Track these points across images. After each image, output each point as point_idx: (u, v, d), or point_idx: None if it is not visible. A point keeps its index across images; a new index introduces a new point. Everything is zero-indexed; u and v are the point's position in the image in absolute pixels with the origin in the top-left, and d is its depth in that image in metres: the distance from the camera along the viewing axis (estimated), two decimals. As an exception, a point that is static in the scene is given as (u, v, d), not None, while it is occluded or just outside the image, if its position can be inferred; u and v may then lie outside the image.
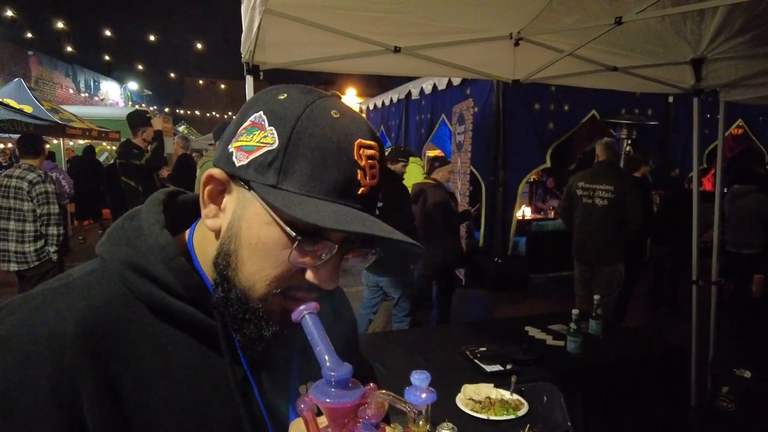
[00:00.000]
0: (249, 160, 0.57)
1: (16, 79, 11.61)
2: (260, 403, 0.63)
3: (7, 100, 10.11)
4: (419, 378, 0.52)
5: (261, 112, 0.58)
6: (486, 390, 1.97)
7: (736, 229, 4.76)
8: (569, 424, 2.07)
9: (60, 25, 17.20)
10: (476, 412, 1.82)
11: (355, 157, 0.56)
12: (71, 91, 18.32)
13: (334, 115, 0.57)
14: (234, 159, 0.58)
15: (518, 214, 6.84)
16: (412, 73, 2.93)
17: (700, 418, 3.29)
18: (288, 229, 0.55)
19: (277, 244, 0.56)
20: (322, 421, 0.53)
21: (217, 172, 0.59)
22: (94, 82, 20.77)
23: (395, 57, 2.71)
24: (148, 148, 4.36)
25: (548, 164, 6.77)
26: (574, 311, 2.46)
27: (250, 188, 0.57)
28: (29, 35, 15.86)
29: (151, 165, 3.98)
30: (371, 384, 0.54)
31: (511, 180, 6.45)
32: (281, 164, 0.55)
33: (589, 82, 3.26)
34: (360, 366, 0.83)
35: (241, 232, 0.58)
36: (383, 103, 10.35)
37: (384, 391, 0.51)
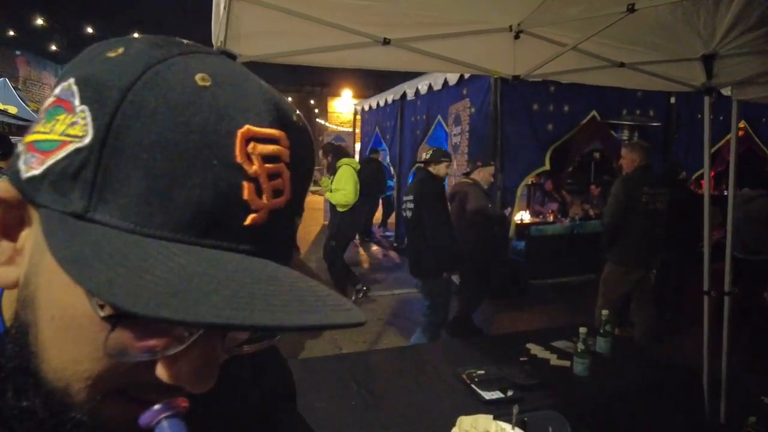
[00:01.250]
0: (44, 167, 0.33)
1: (2, 79, 11.36)
2: None
3: (-8, 101, 9.91)
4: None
5: (72, 80, 0.34)
6: (484, 423, 1.73)
7: (745, 234, 4.55)
8: (578, 459, 1.85)
9: (46, 23, 16.92)
10: (473, 452, 1.58)
11: (238, 158, 0.33)
12: (60, 92, 18.03)
13: (201, 83, 0.33)
14: (22, 164, 0.34)
15: (516, 218, 6.62)
16: (402, 67, 2.70)
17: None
18: (92, 302, 0.31)
19: (92, 322, 0.32)
20: None
21: (3, 187, 0.35)
22: (85, 83, 20.51)
23: (384, 50, 2.48)
24: None
25: (547, 167, 6.57)
26: (582, 330, 2.23)
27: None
28: (15, 34, 15.58)
29: None
30: None
31: (509, 183, 6.23)
32: (94, 174, 0.31)
33: (594, 79, 3.04)
34: None
35: (39, 294, 0.35)
36: (378, 104, 10.12)
37: None
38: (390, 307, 5.80)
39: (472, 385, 2.07)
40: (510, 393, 2.01)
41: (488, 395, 1.99)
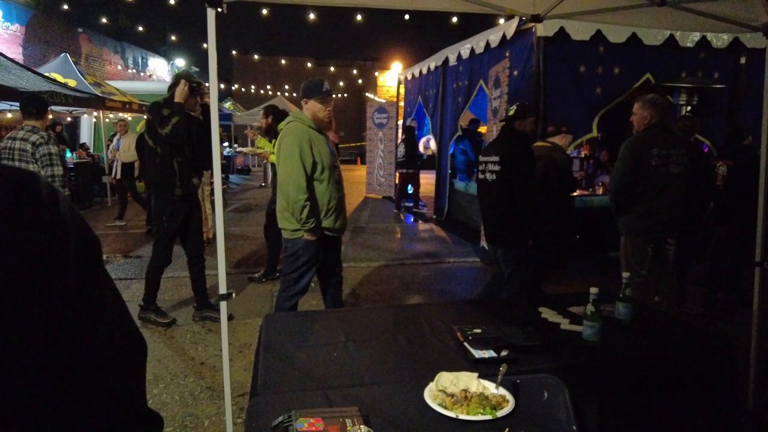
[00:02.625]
0: None
1: (63, 54, 11.93)
2: None
3: (53, 75, 10.42)
4: None
5: None
6: (466, 381, 1.59)
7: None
8: (574, 428, 1.66)
9: (107, 1, 17.61)
10: (444, 408, 1.44)
11: None
12: (119, 67, 18.81)
13: None
14: None
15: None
16: (407, 5, 2.50)
17: (758, 425, 2.76)
18: None
19: None
20: None
21: None
22: (142, 58, 21.25)
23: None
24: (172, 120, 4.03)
25: (594, 133, 6.13)
26: (593, 290, 2.01)
27: None
28: (78, 12, 16.30)
29: (169, 139, 3.76)
30: None
31: (552, 150, 5.86)
32: None
33: (629, 20, 2.72)
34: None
35: None
36: (420, 72, 9.83)
37: None
38: (421, 276, 5.66)
39: (465, 343, 1.91)
40: (504, 353, 1.85)
41: (479, 354, 1.83)
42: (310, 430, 1.14)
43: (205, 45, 2.41)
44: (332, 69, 29.45)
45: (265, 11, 14.42)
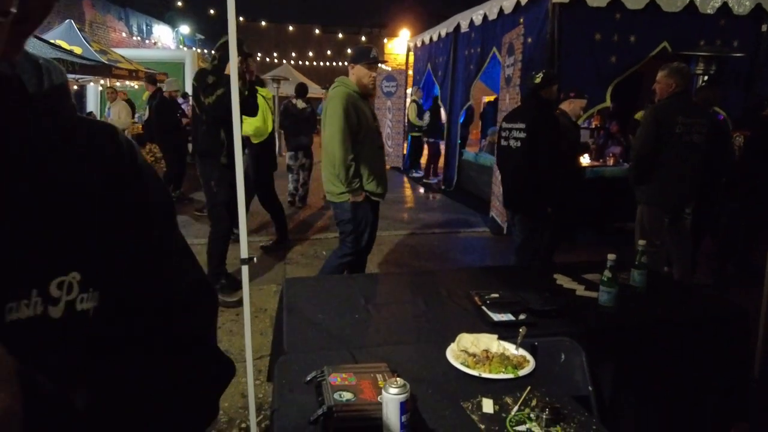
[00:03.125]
0: None
1: (67, 20, 11.77)
2: None
3: (58, 41, 10.30)
4: None
5: None
6: (486, 341, 1.63)
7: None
8: (590, 389, 1.71)
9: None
10: (467, 366, 1.49)
11: None
12: (124, 34, 18.51)
13: None
14: None
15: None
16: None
17: (763, 392, 2.82)
18: None
19: None
20: None
21: None
22: (147, 25, 20.91)
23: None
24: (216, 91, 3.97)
25: (608, 103, 6.05)
26: (610, 256, 2.03)
27: None
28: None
29: (212, 110, 3.72)
30: None
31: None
32: None
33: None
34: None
35: None
36: (431, 39, 9.65)
37: None
38: (432, 245, 5.71)
39: (483, 307, 1.95)
40: (522, 317, 1.88)
41: (497, 317, 1.87)
42: (343, 383, 1.18)
43: (211, 11, 2.37)
44: (340, 36, 28.90)
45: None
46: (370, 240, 3.34)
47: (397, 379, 1.04)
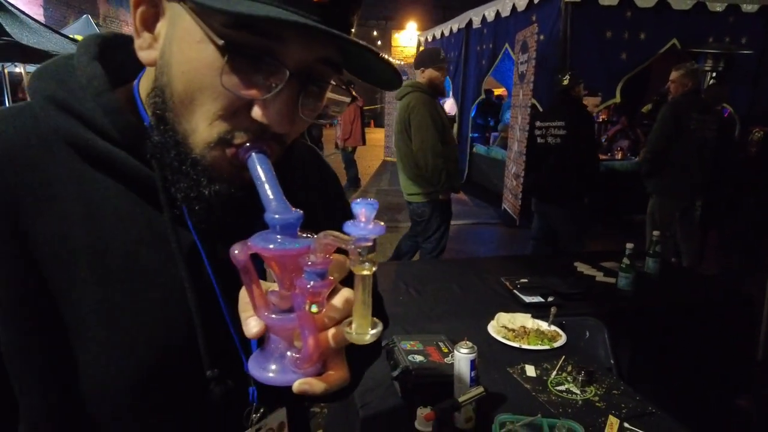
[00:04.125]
0: None
1: (84, 15, 11.95)
2: (209, 272, 0.54)
3: (76, 36, 10.52)
4: (361, 204, 0.39)
5: None
6: (522, 319, 1.86)
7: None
8: (612, 362, 1.94)
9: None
10: (509, 340, 1.72)
11: None
12: (136, 27, 18.73)
13: None
14: None
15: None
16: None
17: (765, 373, 3.04)
18: (215, 37, 0.44)
19: (211, 68, 0.45)
20: (273, 285, 0.44)
21: None
22: (158, 18, 21.13)
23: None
24: None
25: (618, 99, 6.22)
26: (628, 245, 2.26)
27: None
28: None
29: None
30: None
31: (575, 115, 5.98)
32: None
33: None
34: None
35: (173, 58, 0.48)
36: (442, 34, 9.82)
37: (327, 232, 0.40)
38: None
39: (514, 291, 2.18)
40: (551, 299, 2.11)
41: (528, 299, 2.10)
42: (413, 349, 1.41)
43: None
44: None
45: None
46: (447, 229, 3.63)
47: (467, 341, 1.27)
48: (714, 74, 6.05)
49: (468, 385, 1.26)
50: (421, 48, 11.79)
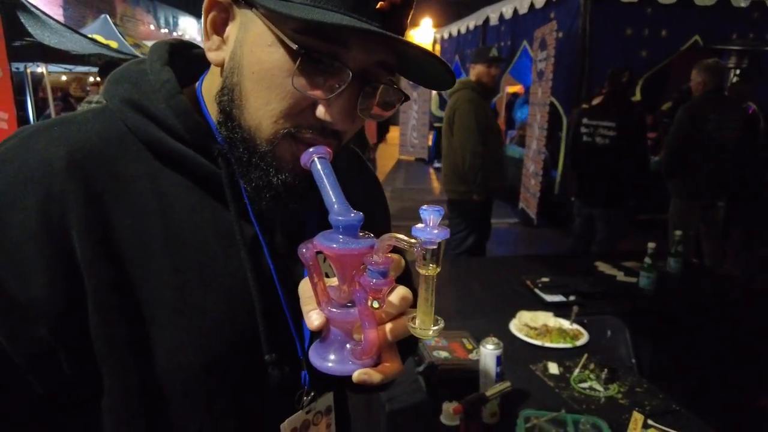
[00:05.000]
0: None
1: (103, 15, 12.13)
2: (270, 264, 0.58)
3: (95, 36, 10.68)
4: (429, 211, 0.42)
5: None
6: (544, 318, 1.88)
7: None
8: (633, 361, 1.95)
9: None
10: (531, 338, 1.73)
11: None
12: (152, 27, 18.93)
13: None
14: None
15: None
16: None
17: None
18: (289, 42, 0.49)
19: (281, 69, 0.50)
20: (332, 281, 0.48)
21: None
22: (173, 18, 21.33)
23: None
24: None
25: (638, 97, 6.14)
26: (650, 245, 2.25)
27: (251, 5, 0.51)
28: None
29: None
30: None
31: (595, 113, 5.94)
32: None
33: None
34: None
35: (243, 59, 0.52)
36: (458, 31, 9.80)
37: (392, 234, 0.43)
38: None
39: (535, 290, 2.19)
40: (572, 298, 2.12)
41: (550, 298, 2.11)
42: (437, 345, 1.44)
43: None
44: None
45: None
46: (488, 229, 3.66)
47: (493, 338, 1.30)
48: (738, 71, 5.95)
49: (494, 381, 1.28)
50: (437, 45, 11.77)
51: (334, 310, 0.46)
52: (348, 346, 0.46)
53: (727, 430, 1.96)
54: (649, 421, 1.26)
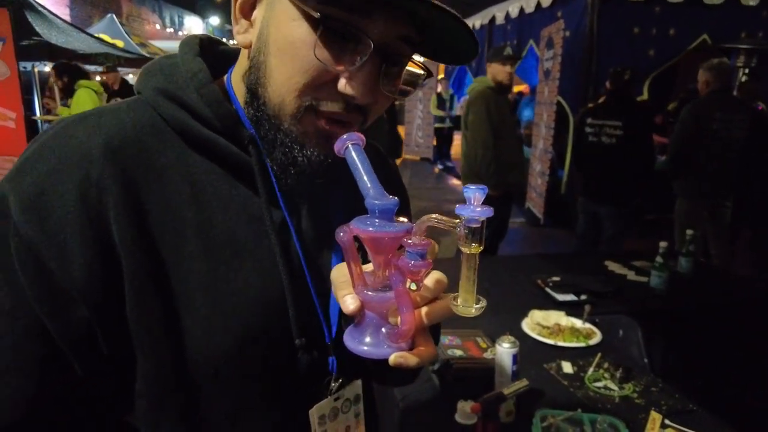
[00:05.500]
0: None
1: (109, 14, 12.19)
2: (298, 247, 0.60)
3: (101, 35, 10.72)
4: (474, 189, 0.42)
5: None
6: (556, 317, 1.87)
7: None
8: (645, 360, 1.94)
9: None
10: (543, 337, 1.73)
11: None
12: (158, 26, 19.00)
13: None
14: None
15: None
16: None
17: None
18: (311, 11, 0.49)
19: (304, 42, 0.51)
20: (367, 267, 0.48)
21: None
22: (179, 17, 21.40)
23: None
24: None
25: (645, 96, 6.11)
26: (662, 244, 2.24)
27: None
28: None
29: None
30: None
31: (601, 112, 5.91)
32: None
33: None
34: None
35: (270, 37, 0.54)
36: (464, 32, 9.75)
37: (431, 216, 0.44)
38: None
39: (546, 289, 2.18)
40: (583, 297, 2.11)
41: (561, 297, 2.10)
42: (451, 344, 1.44)
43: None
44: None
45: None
46: (504, 228, 3.67)
47: (509, 336, 1.29)
48: (747, 71, 5.91)
49: (510, 379, 1.27)
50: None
51: (370, 293, 0.46)
52: (383, 329, 0.46)
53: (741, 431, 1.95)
54: (667, 421, 1.25)
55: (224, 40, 0.75)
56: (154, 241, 0.53)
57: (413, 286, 0.44)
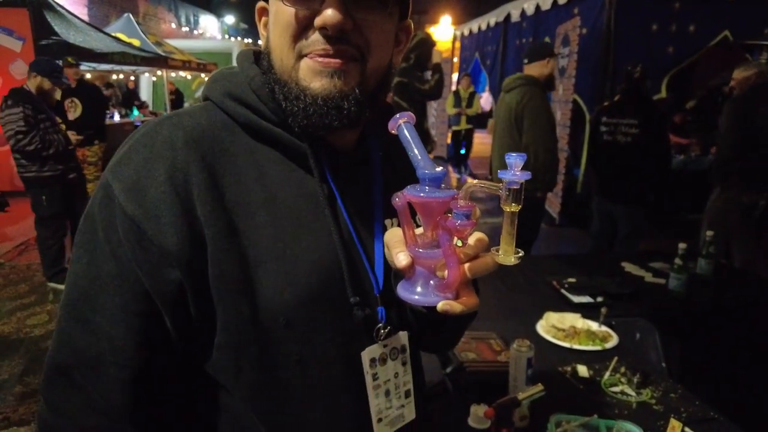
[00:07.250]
0: None
1: (126, 14, 12.33)
2: (345, 216, 0.70)
3: (118, 35, 10.85)
4: (515, 157, 0.50)
5: None
6: (571, 319, 1.83)
7: None
8: (663, 365, 1.89)
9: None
10: (558, 340, 1.69)
11: None
12: (173, 25, 19.13)
13: None
14: None
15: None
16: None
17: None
18: None
19: (284, 12, 0.63)
20: (417, 230, 0.57)
21: (261, 3, 0.72)
22: (194, 16, 21.53)
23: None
24: (433, 77, 4.49)
25: (663, 95, 6.01)
26: (681, 245, 2.19)
27: None
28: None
29: (431, 93, 4.20)
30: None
31: (618, 110, 5.82)
32: None
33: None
34: None
35: (270, 32, 0.68)
36: (479, 28, 9.69)
37: (476, 181, 0.51)
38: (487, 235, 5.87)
39: (562, 290, 2.15)
40: (599, 299, 2.07)
41: (577, 299, 2.07)
42: (464, 346, 1.41)
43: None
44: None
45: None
46: (537, 228, 3.67)
47: (525, 340, 1.27)
48: (769, 67, 5.76)
49: (524, 383, 1.25)
50: (457, 42, 11.68)
51: (421, 250, 0.53)
52: (432, 282, 0.54)
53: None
54: (687, 429, 1.21)
55: (239, 38, 0.84)
56: (230, 213, 0.63)
57: (459, 243, 0.52)
